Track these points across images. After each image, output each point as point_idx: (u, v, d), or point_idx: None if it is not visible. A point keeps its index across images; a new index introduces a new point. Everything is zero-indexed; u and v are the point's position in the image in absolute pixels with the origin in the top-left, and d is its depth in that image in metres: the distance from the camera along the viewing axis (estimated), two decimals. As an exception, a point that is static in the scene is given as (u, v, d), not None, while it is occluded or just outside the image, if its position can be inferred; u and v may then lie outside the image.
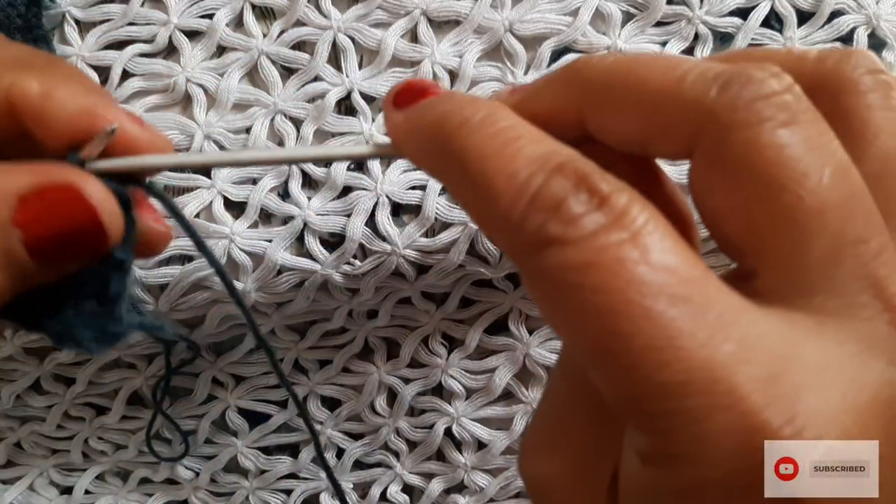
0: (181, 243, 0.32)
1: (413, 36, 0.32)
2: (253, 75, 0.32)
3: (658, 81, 0.19)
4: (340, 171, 0.31)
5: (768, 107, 0.18)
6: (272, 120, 0.32)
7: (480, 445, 0.38)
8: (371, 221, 0.32)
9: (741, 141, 0.18)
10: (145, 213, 0.23)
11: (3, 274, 0.20)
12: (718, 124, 0.18)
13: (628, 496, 0.19)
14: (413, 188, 0.32)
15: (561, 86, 0.21)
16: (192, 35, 0.32)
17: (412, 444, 0.38)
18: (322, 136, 0.32)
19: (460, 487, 0.39)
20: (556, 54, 0.32)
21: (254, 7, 0.32)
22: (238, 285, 0.32)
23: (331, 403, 0.37)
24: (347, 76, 0.32)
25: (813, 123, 0.18)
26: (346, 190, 0.32)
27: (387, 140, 0.22)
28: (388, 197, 0.31)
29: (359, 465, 0.39)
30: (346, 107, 0.32)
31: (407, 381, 0.36)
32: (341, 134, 0.32)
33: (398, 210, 0.32)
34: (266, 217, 0.32)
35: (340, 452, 0.38)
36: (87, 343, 0.23)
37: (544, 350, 0.36)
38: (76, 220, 0.21)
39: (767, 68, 0.19)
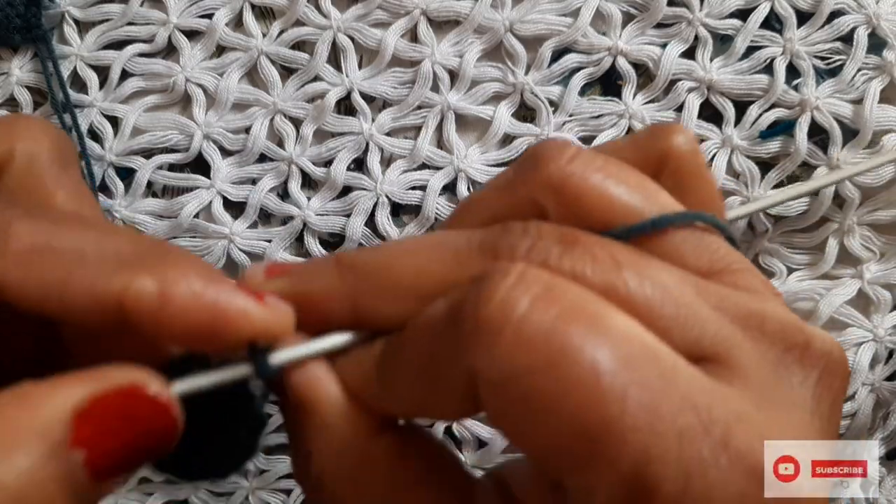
0: (181, 243, 0.32)
1: (413, 36, 0.32)
2: (252, 75, 0.32)
3: (428, 274, 0.20)
4: (340, 171, 0.31)
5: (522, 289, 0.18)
6: (272, 120, 0.32)
7: (481, 444, 0.38)
8: (371, 221, 0.31)
9: None
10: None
11: None
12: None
13: None
14: (413, 188, 0.32)
15: (332, 277, 0.21)
16: (192, 35, 0.32)
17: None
18: (322, 135, 0.32)
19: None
20: (557, 54, 0.32)
21: (253, 7, 0.32)
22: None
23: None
24: (347, 76, 0.32)
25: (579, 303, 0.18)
26: (346, 190, 0.32)
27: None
28: (387, 197, 0.31)
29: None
30: (345, 107, 0.32)
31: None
32: (341, 134, 0.32)
33: (398, 210, 0.32)
34: (265, 217, 0.32)
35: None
36: (228, 474, 0.21)
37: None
38: (146, 424, 0.18)
39: (519, 240, 0.19)
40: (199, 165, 0.32)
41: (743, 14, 0.32)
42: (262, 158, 0.32)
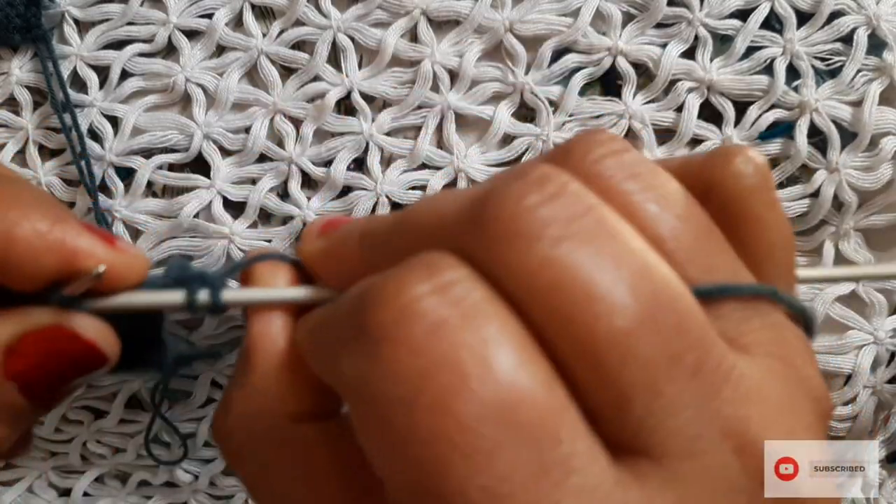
0: (181, 243, 0.32)
1: (413, 36, 0.32)
2: (252, 75, 0.32)
3: (426, 224, 0.18)
4: (340, 171, 0.31)
5: (533, 222, 0.15)
6: (272, 120, 0.32)
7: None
8: (371, 221, 0.31)
9: (506, 270, 0.15)
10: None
11: (4, 427, 0.20)
12: (476, 255, 0.16)
13: None
14: (413, 188, 0.32)
15: (354, 249, 0.21)
16: (192, 35, 0.32)
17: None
18: (322, 135, 0.32)
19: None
20: (557, 54, 0.32)
21: (253, 7, 0.32)
22: (237, 286, 0.32)
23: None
24: (347, 76, 0.32)
25: (599, 225, 0.15)
26: (346, 190, 0.32)
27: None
28: (387, 197, 0.31)
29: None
30: (345, 106, 0.32)
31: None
32: (341, 134, 0.32)
33: (398, 210, 0.32)
34: (265, 217, 0.32)
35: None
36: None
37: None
38: (72, 357, 0.20)
39: (535, 170, 0.16)
40: (199, 165, 0.32)
41: (743, 14, 0.32)
42: (262, 158, 0.32)
